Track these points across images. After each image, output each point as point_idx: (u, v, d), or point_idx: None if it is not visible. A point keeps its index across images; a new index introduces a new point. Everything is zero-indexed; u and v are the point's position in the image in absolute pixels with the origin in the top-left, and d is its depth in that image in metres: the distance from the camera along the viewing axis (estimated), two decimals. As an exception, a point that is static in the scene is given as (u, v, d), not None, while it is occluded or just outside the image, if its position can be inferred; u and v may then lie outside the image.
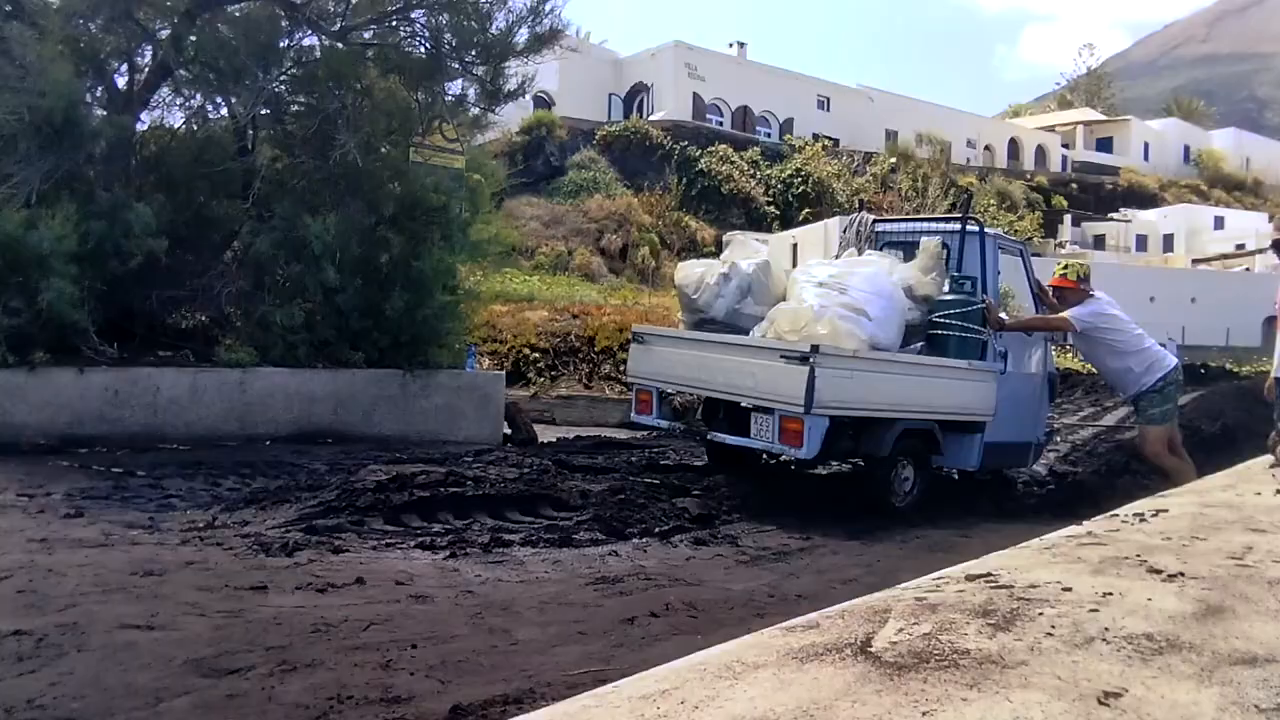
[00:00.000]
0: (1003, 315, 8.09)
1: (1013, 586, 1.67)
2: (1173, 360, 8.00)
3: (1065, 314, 7.92)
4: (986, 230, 8.17)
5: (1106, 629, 1.42)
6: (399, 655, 3.50)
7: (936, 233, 8.18)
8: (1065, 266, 8.26)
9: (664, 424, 8.34)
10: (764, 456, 8.03)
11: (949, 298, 7.64)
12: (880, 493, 7.37)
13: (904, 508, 7.40)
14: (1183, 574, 1.75)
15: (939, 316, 7.61)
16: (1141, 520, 2.30)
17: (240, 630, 3.72)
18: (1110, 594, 1.61)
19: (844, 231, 9.11)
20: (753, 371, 7.09)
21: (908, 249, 8.16)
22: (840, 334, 7.00)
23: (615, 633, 3.89)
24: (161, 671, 3.26)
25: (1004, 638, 1.38)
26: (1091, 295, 7.99)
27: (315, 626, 3.79)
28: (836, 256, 8.54)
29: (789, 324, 7.25)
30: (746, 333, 7.67)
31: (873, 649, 1.33)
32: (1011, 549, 2.12)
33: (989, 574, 1.77)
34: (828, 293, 7.32)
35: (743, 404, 7.26)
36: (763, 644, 1.40)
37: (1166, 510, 2.41)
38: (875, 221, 8.97)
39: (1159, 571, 1.78)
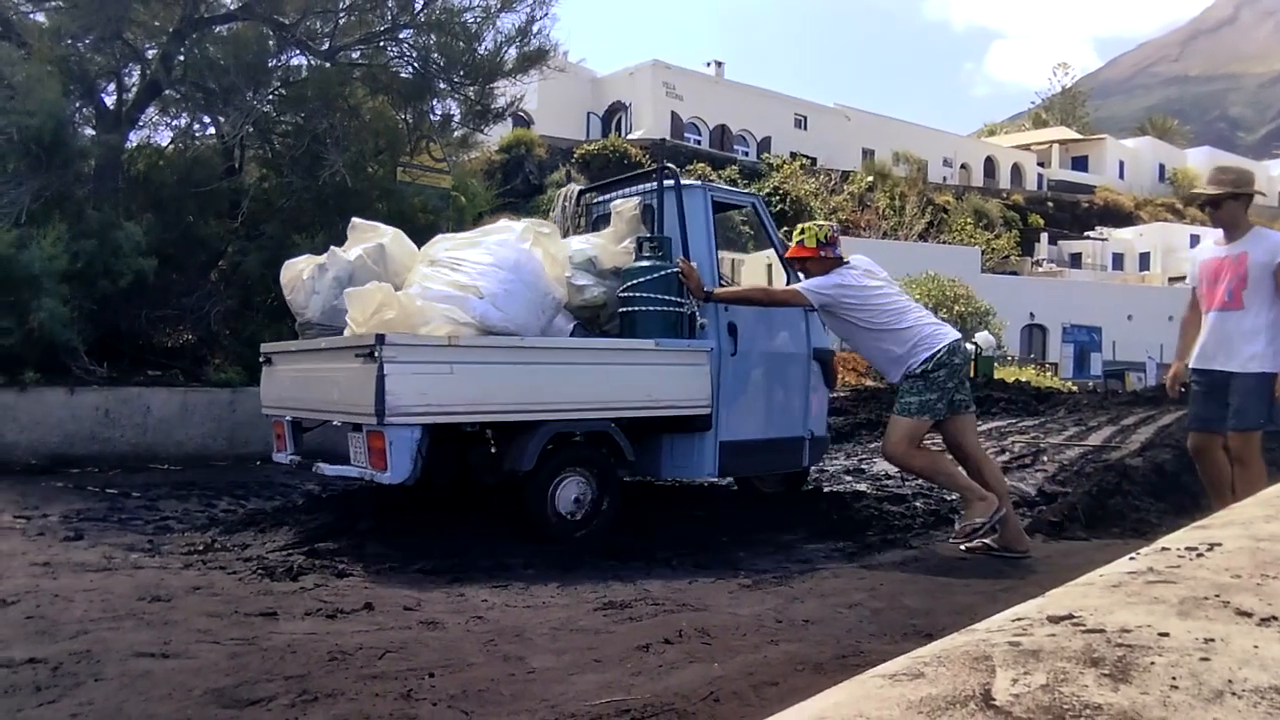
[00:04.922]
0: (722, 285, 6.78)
1: (1104, 630, 1.65)
2: (948, 336, 6.32)
3: (797, 286, 6.41)
4: (687, 182, 6.89)
5: (1230, 681, 1.41)
6: (418, 684, 3.49)
7: (637, 194, 7.01)
8: (803, 231, 6.54)
9: (286, 460, 6.75)
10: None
11: (637, 265, 6.38)
12: (535, 516, 5.93)
13: (578, 533, 6.05)
14: (1275, 618, 1.75)
15: (625, 290, 6.32)
16: (1197, 555, 2.29)
17: (256, 659, 3.70)
18: (1211, 640, 1.60)
19: (552, 211, 7.96)
20: (336, 379, 5.76)
21: None
22: (423, 316, 5.62)
23: (631, 660, 3.89)
24: (183, 702, 3.24)
25: (1129, 691, 1.37)
26: (843, 262, 6.45)
27: (331, 654, 3.77)
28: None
29: (359, 312, 5.64)
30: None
31: (997, 703, 1.32)
32: (1071, 586, 2.11)
33: (1070, 615, 1.76)
34: (436, 271, 5.94)
35: (335, 421, 6.02)
36: (875, 695, 1.38)
37: (1220, 544, 2.40)
38: (583, 193, 7.84)
39: (1249, 614, 1.77)
